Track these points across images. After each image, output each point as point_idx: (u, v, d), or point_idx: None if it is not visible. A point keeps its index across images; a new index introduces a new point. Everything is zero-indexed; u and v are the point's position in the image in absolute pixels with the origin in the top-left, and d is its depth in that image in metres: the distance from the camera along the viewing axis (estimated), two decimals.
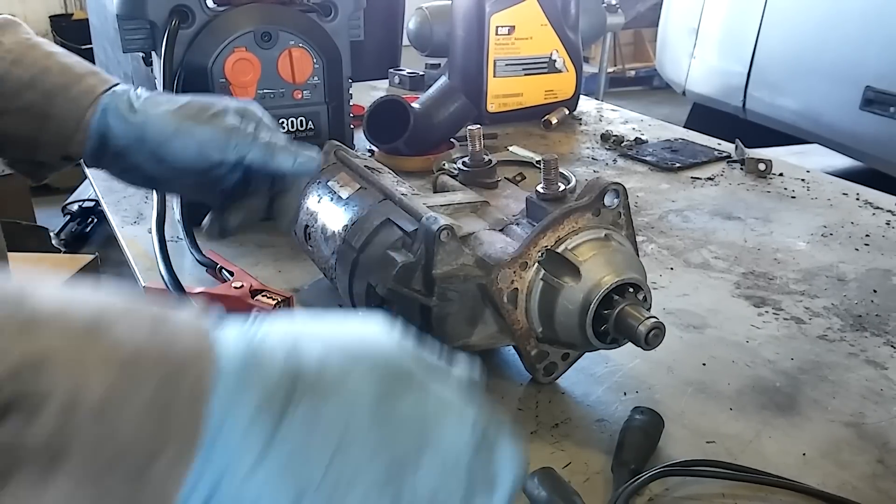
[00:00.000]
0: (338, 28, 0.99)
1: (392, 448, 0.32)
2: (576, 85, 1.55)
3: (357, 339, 0.34)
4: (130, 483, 0.28)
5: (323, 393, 0.31)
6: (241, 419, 0.30)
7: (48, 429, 0.26)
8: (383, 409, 0.32)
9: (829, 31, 2.39)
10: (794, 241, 1.01)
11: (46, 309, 0.29)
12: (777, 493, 0.57)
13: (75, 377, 0.27)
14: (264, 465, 0.30)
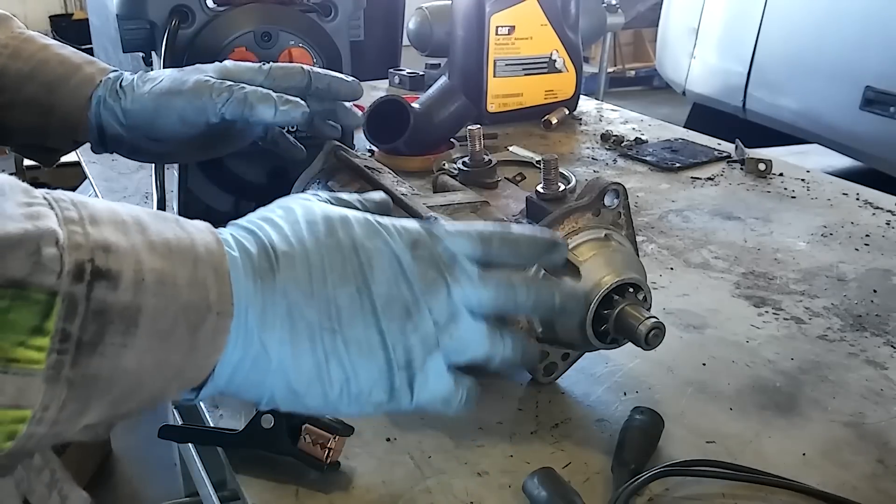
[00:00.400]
0: (338, 28, 0.99)
1: (351, 271, 0.41)
2: (576, 85, 1.54)
3: (307, 214, 0.44)
4: (187, 340, 0.36)
5: (290, 256, 0.41)
6: (249, 290, 0.39)
7: (126, 297, 0.33)
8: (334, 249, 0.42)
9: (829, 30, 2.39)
10: (794, 241, 1.01)
11: (100, 210, 0.35)
12: (777, 493, 0.57)
13: (134, 260, 0.34)
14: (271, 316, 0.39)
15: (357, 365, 0.41)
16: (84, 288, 0.32)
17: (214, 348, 0.38)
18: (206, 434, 0.64)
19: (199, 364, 0.38)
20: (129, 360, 0.34)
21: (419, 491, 0.56)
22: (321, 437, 0.56)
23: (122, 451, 1.89)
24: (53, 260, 0.31)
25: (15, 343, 0.30)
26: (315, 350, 0.41)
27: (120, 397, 0.35)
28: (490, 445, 0.61)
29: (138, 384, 0.35)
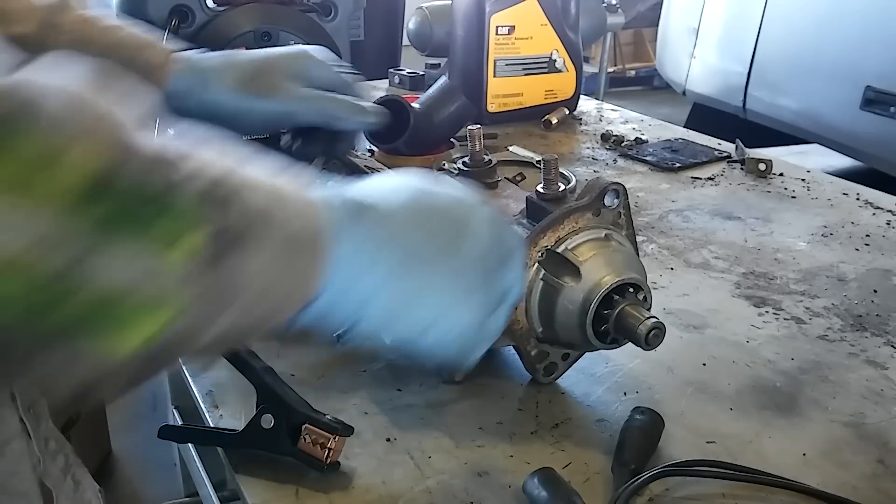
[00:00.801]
0: (338, 28, 0.99)
1: (438, 233, 0.46)
2: (576, 85, 1.54)
3: (406, 181, 0.49)
4: (300, 258, 0.40)
5: (384, 212, 0.45)
6: (349, 237, 0.43)
7: (261, 206, 0.37)
8: (424, 215, 0.46)
9: (829, 30, 2.39)
10: (794, 241, 1.01)
11: (210, 152, 0.38)
12: (777, 493, 0.57)
13: (258, 183, 0.38)
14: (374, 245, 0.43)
15: (452, 302, 0.46)
16: (216, 206, 0.35)
17: (321, 269, 0.41)
18: (206, 434, 0.64)
19: (308, 282, 0.41)
20: (259, 264, 0.36)
21: (419, 491, 0.56)
22: (321, 438, 0.56)
23: (122, 451, 1.89)
24: (194, 174, 0.35)
25: (171, 243, 0.33)
26: (414, 279, 0.44)
27: (248, 305, 0.37)
28: (490, 445, 0.61)
29: (264, 292, 0.38)
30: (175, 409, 1.31)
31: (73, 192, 0.30)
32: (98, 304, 0.32)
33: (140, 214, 0.32)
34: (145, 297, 0.33)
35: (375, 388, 0.68)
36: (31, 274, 0.30)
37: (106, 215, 0.31)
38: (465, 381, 0.69)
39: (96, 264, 0.31)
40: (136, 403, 2.04)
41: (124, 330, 0.33)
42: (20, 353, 0.32)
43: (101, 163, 0.31)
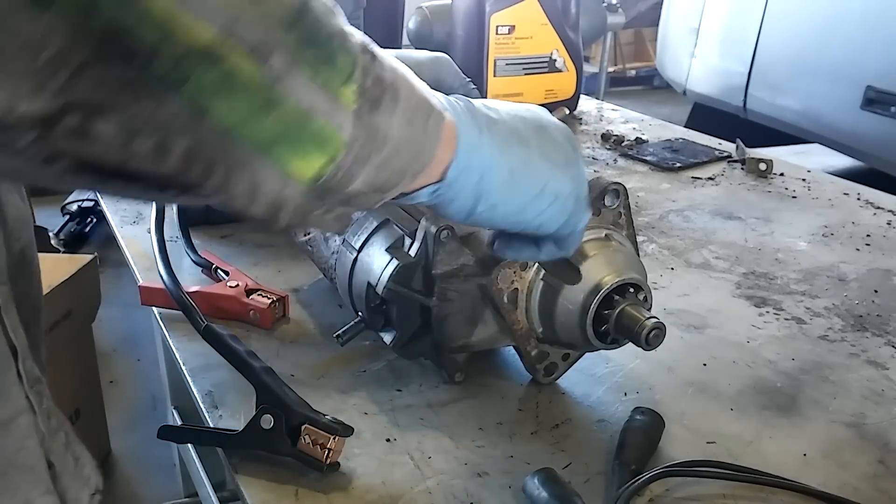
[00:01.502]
0: None
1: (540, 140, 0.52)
2: (576, 84, 1.54)
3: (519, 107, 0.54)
4: (423, 125, 0.43)
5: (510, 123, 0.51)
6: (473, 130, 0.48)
7: (392, 76, 0.41)
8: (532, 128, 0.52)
9: (830, 30, 2.39)
10: (794, 241, 1.01)
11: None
12: (778, 493, 0.57)
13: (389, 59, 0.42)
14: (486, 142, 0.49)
15: (554, 170, 0.51)
16: (369, 59, 0.39)
17: (438, 137, 0.45)
18: (206, 434, 0.64)
19: (436, 146, 0.45)
20: (394, 125, 0.40)
21: (419, 491, 0.56)
22: (321, 438, 0.56)
23: (121, 451, 1.89)
24: (352, 32, 0.39)
25: (339, 84, 0.37)
26: (520, 151, 0.50)
27: (384, 160, 0.41)
28: (490, 446, 0.61)
29: (396, 151, 0.41)
30: (175, 410, 1.31)
31: (277, 15, 0.34)
32: (293, 121, 0.36)
33: (325, 47, 0.37)
34: (325, 125, 0.37)
35: (375, 388, 0.68)
36: (253, 75, 0.34)
37: (300, 41, 0.35)
38: (465, 381, 0.69)
39: (294, 83, 0.35)
40: (135, 404, 2.04)
41: (307, 155, 0.37)
42: (227, 164, 0.35)
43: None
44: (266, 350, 0.72)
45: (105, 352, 2.19)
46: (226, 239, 0.97)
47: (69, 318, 1.64)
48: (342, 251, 0.71)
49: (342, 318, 0.71)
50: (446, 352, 0.67)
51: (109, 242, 2.69)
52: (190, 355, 0.72)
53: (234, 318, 0.78)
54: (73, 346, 1.68)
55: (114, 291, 2.28)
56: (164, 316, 0.79)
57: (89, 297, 1.74)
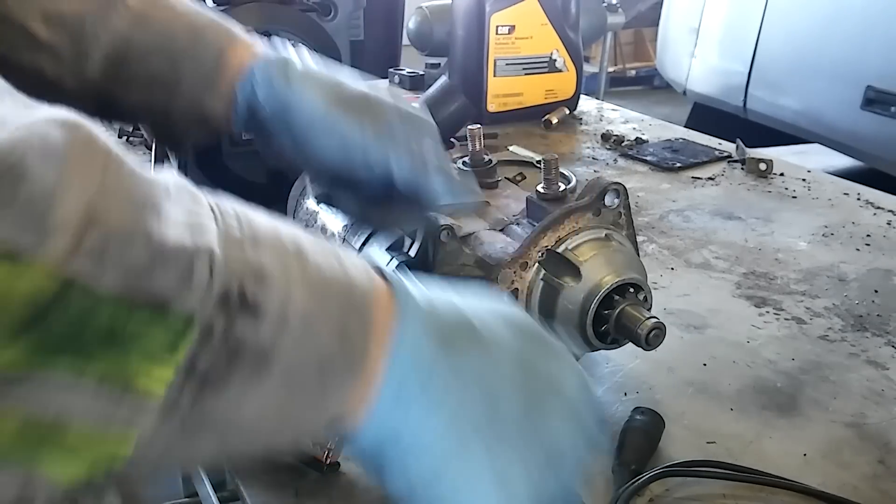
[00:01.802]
0: (338, 28, 0.99)
1: (531, 391, 0.36)
2: (576, 84, 1.54)
3: (498, 307, 0.40)
4: (319, 392, 0.32)
5: (486, 342, 0.36)
6: (424, 355, 0.34)
7: (265, 337, 0.30)
8: (525, 361, 0.37)
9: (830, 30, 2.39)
10: (794, 241, 1.01)
11: (263, 229, 0.32)
12: (778, 493, 0.57)
13: (285, 292, 0.31)
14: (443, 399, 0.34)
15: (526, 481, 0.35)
16: (224, 320, 0.29)
17: (344, 408, 0.33)
18: None
19: (318, 422, 0.34)
20: (251, 406, 0.30)
21: None
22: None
23: None
24: (202, 283, 0.28)
25: (137, 370, 0.27)
26: (493, 458, 0.34)
27: (231, 442, 0.32)
28: None
29: (253, 432, 0.32)
30: None
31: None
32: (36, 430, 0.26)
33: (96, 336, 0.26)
34: (92, 430, 0.27)
35: None
36: None
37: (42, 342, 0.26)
38: None
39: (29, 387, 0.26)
40: None
41: (60, 462, 0.27)
42: None
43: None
44: None
45: None
46: None
47: None
48: None
49: None
50: None
51: None
52: None
53: None
54: None
55: None
56: None
57: None
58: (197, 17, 0.63)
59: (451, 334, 0.35)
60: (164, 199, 0.29)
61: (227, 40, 0.63)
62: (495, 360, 0.36)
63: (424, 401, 0.34)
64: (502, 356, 0.36)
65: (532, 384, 0.37)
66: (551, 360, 0.39)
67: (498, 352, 0.36)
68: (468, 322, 0.36)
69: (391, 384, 0.33)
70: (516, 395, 0.36)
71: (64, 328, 0.26)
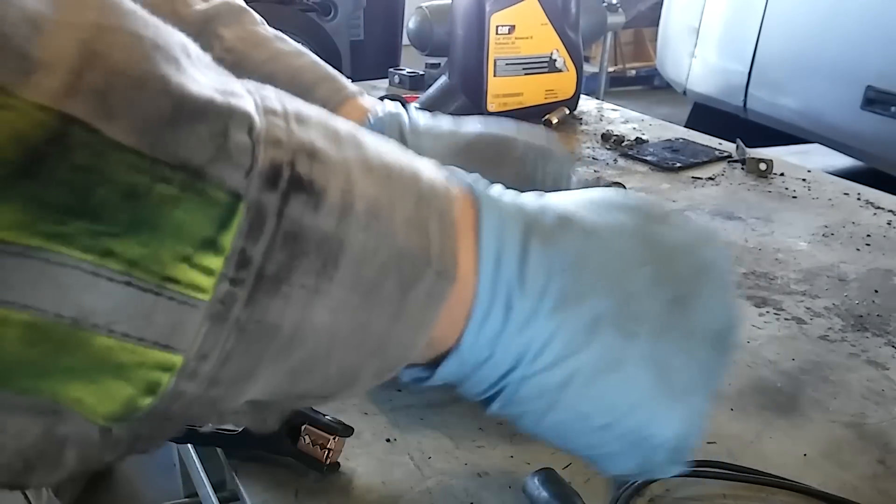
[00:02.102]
0: (337, 28, 0.99)
1: (671, 276, 0.31)
2: (576, 84, 1.54)
3: (603, 195, 0.33)
4: (396, 301, 0.26)
5: (597, 227, 0.30)
6: (514, 249, 0.28)
7: (329, 224, 0.24)
8: (652, 239, 0.31)
9: (830, 30, 2.39)
10: (795, 241, 1.01)
11: (308, 111, 0.27)
12: (778, 493, 0.57)
13: (345, 177, 0.25)
14: (549, 295, 0.29)
15: (665, 385, 0.30)
16: (277, 198, 0.23)
17: (428, 318, 0.28)
18: (206, 434, 0.64)
19: (405, 339, 0.28)
20: (320, 312, 0.24)
21: (419, 492, 0.56)
22: (321, 438, 0.56)
23: None
24: (244, 150, 0.23)
25: (178, 255, 0.21)
26: (620, 344, 0.29)
27: (300, 367, 0.25)
28: (490, 446, 0.61)
29: (326, 352, 0.25)
30: None
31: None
32: (50, 337, 0.21)
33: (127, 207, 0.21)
34: (122, 348, 0.22)
35: (376, 388, 0.68)
36: None
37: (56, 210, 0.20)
38: None
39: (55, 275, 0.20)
40: None
41: (98, 390, 0.22)
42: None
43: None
44: None
45: None
46: None
47: None
48: None
49: None
50: None
51: None
52: None
53: None
54: None
55: None
56: None
57: None
58: (313, 67, 0.59)
59: (553, 225, 0.30)
60: (182, 55, 0.23)
61: (337, 96, 0.58)
62: (610, 240, 0.30)
63: (535, 301, 0.28)
64: (621, 237, 0.31)
65: (669, 263, 0.31)
66: (681, 233, 0.33)
67: (614, 233, 0.31)
68: (571, 212, 0.31)
69: (489, 289, 0.28)
70: (651, 275, 0.30)
71: (69, 177, 0.20)
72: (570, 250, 0.29)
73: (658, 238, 0.32)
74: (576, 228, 0.30)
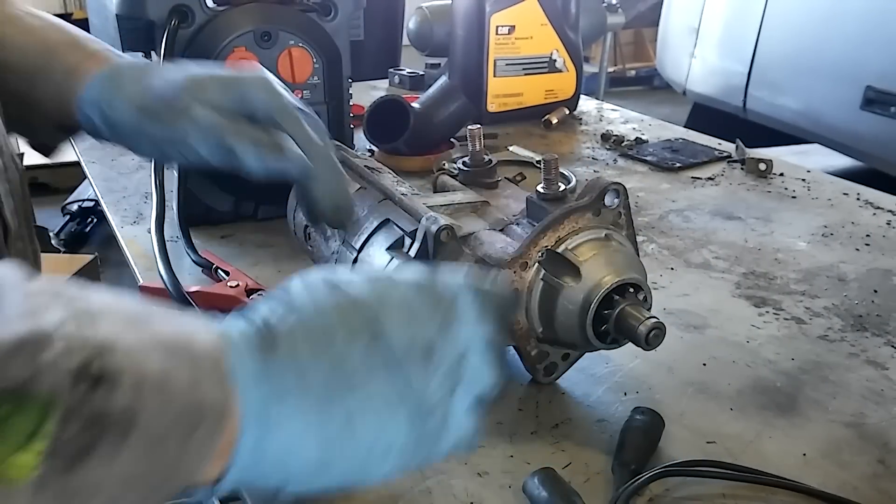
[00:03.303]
0: (338, 28, 0.99)
1: (360, 325, 0.39)
2: (576, 84, 1.54)
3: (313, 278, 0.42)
4: (182, 444, 0.34)
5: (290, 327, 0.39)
6: (253, 371, 0.37)
7: (125, 401, 0.31)
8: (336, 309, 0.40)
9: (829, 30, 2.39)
10: (794, 241, 1.01)
11: (103, 304, 0.34)
12: (777, 493, 0.57)
13: (136, 360, 0.32)
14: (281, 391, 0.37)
15: (384, 418, 0.39)
16: (82, 393, 0.30)
17: (210, 450, 0.35)
18: None
19: (192, 468, 0.35)
20: (120, 466, 0.31)
21: (419, 491, 0.56)
22: None
23: None
24: (52, 365, 0.30)
25: (6, 455, 0.29)
26: (336, 413, 0.38)
27: (105, 502, 0.32)
28: (490, 446, 0.61)
29: (126, 489, 0.32)
30: None
31: None
32: None
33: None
34: None
35: None
36: None
37: None
38: None
39: None
40: None
41: None
42: None
43: None
44: None
45: None
46: (226, 239, 0.97)
47: None
48: (342, 251, 0.71)
49: None
50: None
51: (110, 242, 2.69)
52: None
53: None
54: None
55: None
56: None
57: None
58: (51, 35, 0.66)
59: (269, 345, 0.38)
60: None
61: (81, 56, 0.65)
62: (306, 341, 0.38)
63: (274, 404, 0.37)
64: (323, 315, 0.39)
65: (357, 332, 0.39)
66: (363, 304, 0.40)
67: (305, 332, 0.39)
68: (273, 326, 0.39)
69: (247, 418, 0.36)
70: (346, 334, 0.39)
71: None
72: (293, 358, 0.38)
73: (340, 302, 0.40)
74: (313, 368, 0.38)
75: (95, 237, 3.05)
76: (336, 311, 0.39)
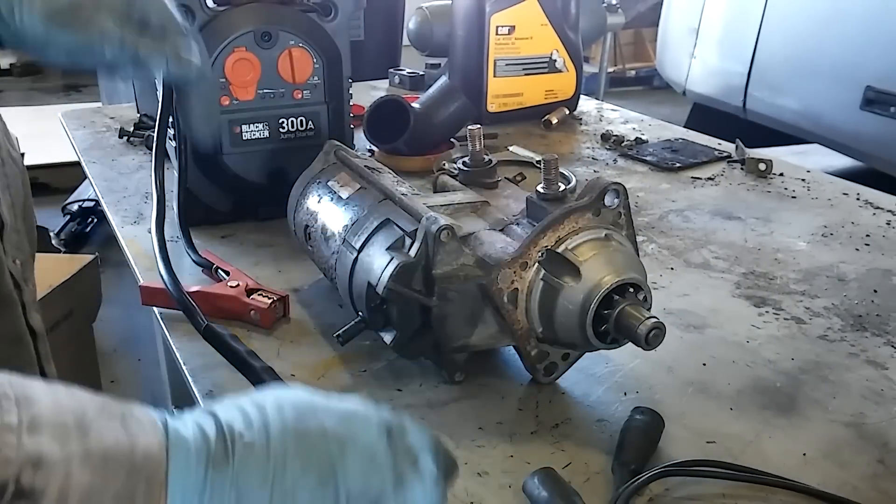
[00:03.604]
0: (338, 28, 0.99)
1: (317, 460, 0.39)
2: (576, 85, 1.54)
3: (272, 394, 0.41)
4: None
5: (250, 443, 0.38)
6: (197, 480, 0.36)
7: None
8: (301, 436, 0.39)
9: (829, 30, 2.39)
10: (794, 241, 1.01)
11: (44, 410, 0.34)
12: (777, 493, 0.57)
13: (64, 475, 0.33)
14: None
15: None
16: (30, 488, 0.31)
17: None
18: None
19: None
20: None
21: None
22: None
23: None
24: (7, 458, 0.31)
25: None
26: None
27: None
28: (490, 445, 0.61)
29: None
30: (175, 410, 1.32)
31: None
32: None
33: None
34: None
35: (375, 388, 0.68)
36: None
37: None
38: (465, 380, 0.69)
39: None
40: None
41: None
42: None
43: None
44: (266, 350, 0.72)
45: (106, 351, 2.19)
46: (226, 239, 0.97)
47: (70, 317, 1.64)
48: (343, 251, 0.71)
49: (342, 318, 0.71)
50: (446, 352, 0.67)
51: (110, 242, 2.69)
52: (190, 355, 0.72)
53: (234, 318, 0.78)
54: (73, 346, 1.68)
55: (114, 291, 2.27)
56: (165, 316, 0.79)
57: (90, 296, 1.74)
58: None
59: (222, 457, 0.37)
60: None
61: None
62: (259, 463, 0.38)
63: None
64: (276, 440, 0.38)
65: (315, 454, 0.39)
66: (329, 418, 0.40)
67: (262, 453, 0.38)
68: (232, 438, 0.38)
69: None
70: (298, 468, 0.38)
71: None
72: (238, 482, 0.37)
73: (307, 430, 0.39)
74: (245, 459, 0.38)
75: (96, 237, 3.04)
76: (298, 440, 0.39)
